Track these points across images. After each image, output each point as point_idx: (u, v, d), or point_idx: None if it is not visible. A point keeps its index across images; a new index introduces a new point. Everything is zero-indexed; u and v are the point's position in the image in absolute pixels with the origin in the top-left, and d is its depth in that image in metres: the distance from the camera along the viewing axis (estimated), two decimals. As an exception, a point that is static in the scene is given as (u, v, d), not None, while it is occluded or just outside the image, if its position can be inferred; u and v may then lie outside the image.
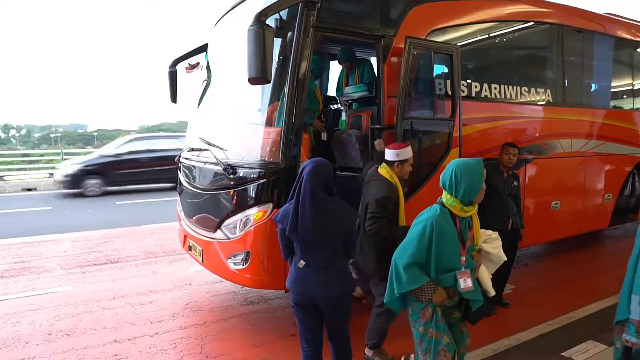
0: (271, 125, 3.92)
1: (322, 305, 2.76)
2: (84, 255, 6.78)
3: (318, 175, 2.71)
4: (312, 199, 2.66)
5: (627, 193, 7.17)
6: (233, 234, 4.03)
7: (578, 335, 4.03)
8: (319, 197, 2.68)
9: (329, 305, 2.77)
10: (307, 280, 2.75)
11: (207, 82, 5.25)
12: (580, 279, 5.82)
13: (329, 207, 2.71)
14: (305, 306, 2.80)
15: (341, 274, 2.79)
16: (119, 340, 4.04)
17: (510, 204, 4.61)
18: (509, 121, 5.39)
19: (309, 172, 2.70)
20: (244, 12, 4.42)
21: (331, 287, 2.73)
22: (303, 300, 2.78)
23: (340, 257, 2.79)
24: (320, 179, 2.71)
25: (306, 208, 2.65)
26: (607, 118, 6.69)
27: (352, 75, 5.29)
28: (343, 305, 2.82)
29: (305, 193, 2.67)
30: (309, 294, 2.75)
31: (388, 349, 3.73)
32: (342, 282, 2.79)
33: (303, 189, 2.68)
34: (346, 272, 2.85)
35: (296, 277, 2.79)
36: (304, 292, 2.76)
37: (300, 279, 2.77)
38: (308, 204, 2.65)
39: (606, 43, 6.79)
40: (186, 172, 5.09)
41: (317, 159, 2.85)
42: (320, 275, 2.73)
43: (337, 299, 2.77)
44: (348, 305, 2.86)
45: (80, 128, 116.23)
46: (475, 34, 5.19)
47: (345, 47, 5.29)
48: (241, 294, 5.12)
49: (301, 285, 2.77)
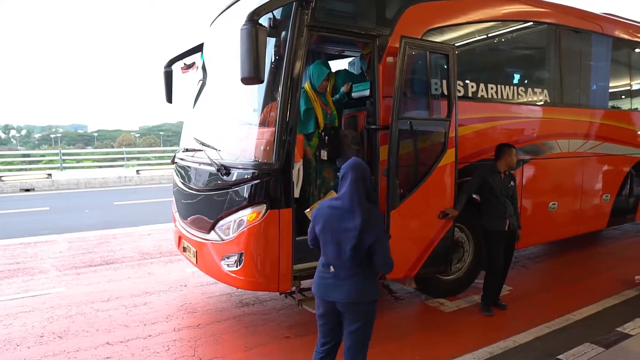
0: (265, 126, 3.89)
1: (342, 309, 2.67)
2: (79, 256, 6.74)
3: (364, 182, 2.68)
4: (360, 203, 2.61)
5: (625, 193, 7.13)
6: (227, 235, 3.99)
7: (575, 338, 3.99)
8: (364, 202, 2.63)
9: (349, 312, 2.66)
10: (329, 283, 2.68)
11: (202, 82, 5.21)
12: (577, 280, 5.79)
13: (369, 214, 2.64)
14: (328, 312, 2.73)
15: (364, 280, 2.67)
16: (111, 343, 4.00)
17: (507, 204, 4.58)
18: (505, 121, 5.36)
19: (355, 181, 2.65)
20: (238, 12, 4.38)
21: (353, 293, 2.63)
22: (327, 306, 2.71)
23: (367, 265, 2.68)
24: (365, 185, 2.68)
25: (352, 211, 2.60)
26: (605, 118, 6.66)
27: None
28: (363, 314, 2.68)
29: (353, 196, 2.62)
30: (329, 298, 2.67)
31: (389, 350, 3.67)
32: (365, 289, 2.66)
33: (349, 191, 2.63)
34: (372, 282, 2.73)
35: (320, 280, 2.73)
36: (328, 296, 2.68)
37: (324, 282, 2.71)
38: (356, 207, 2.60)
39: (604, 43, 6.75)
40: (181, 173, 5.06)
41: (358, 162, 2.76)
42: (343, 279, 2.64)
43: (358, 307, 2.65)
44: (370, 317, 2.72)
45: (81, 128, 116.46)
46: (472, 33, 5.16)
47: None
48: (236, 296, 5.08)
49: (325, 289, 2.69)
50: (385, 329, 4.30)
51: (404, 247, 4.35)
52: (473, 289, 5.15)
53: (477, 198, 4.80)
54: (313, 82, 4.71)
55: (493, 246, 4.63)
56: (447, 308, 4.82)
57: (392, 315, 4.68)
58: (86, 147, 56.71)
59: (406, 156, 4.37)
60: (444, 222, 4.55)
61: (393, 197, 4.17)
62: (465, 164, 4.85)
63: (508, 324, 4.46)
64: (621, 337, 3.83)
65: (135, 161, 21.84)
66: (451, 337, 4.18)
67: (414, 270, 4.48)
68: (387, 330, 4.29)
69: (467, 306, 4.87)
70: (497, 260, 4.62)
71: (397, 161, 4.17)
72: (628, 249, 7.43)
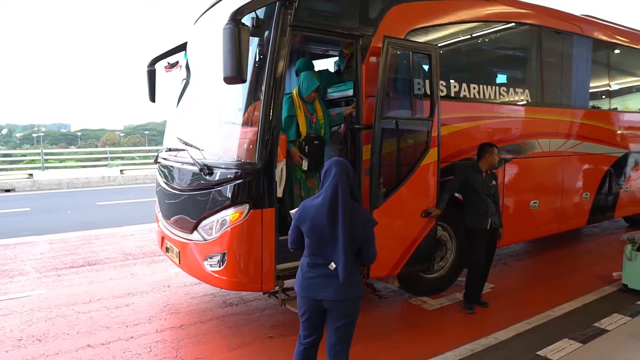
0: (248, 126, 3.88)
1: (328, 307, 2.69)
2: (60, 257, 6.65)
3: (347, 177, 2.68)
4: (343, 203, 2.60)
5: (604, 192, 7.26)
6: (209, 235, 3.97)
7: (554, 334, 4.06)
8: (347, 202, 2.62)
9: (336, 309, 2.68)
10: (316, 282, 2.68)
11: (185, 81, 5.18)
12: (558, 278, 5.88)
13: (353, 212, 2.66)
14: (313, 311, 2.74)
15: (353, 279, 2.69)
16: (92, 345, 3.95)
17: (489, 203, 4.63)
18: (487, 121, 5.42)
19: (337, 174, 2.65)
20: (221, 11, 4.36)
21: (341, 291, 2.64)
22: (312, 305, 2.72)
23: (354, 262, 2.71)
24: (349, 180, 2.69)
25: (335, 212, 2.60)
26: (585, 118, 6.77)
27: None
28: (350, 310, 2.71)
29: (337, 195, 2.61)
30: (317, 297, 2.68)
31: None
32: (352, 286, 2.69)
33: (333, 191, 2.62)
34: (358, 278, 2.77)
35: (306, 280, 2.73)
36: (315, 295, 2.68)
37: (310, 282, 2.70)
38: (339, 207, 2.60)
39: (584, 44, 6.86)
40: (164, 173, 5.02)
41: (341, 159, 2.79)
42: (331, 277, 2.65)
43: (345, 303, 2.68)
44: (355, 312, 2.75)
45: (64, 127, 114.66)
46: (454, 34, 5.20)
47: (304, 59, 5.22)
48: (220, 296, 5.06)
49: (311, 289, 2.69)
50: (369, 328, 4.32)
51: (387, 246, 4.36)
52: (456, 286, 5.20)
53: (460, 197, 4.85)
54: (301, 91, 4.51)
55: (475, 244, 4.68)
56: (430, 306, 4.86)
57: (376, 314, 4.71)
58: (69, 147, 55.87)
59: (389, 155, 4.40)
60: (426, 221, 4.59)
61: (376, 196, 4.19)
62: (447, 163, 4.89)
63: (490, 321, 4.51)
64: (598, 332, 3.91)
65: (120, 161, 21.61)
66: (434, 335, 4.22)
67: (397, 268, 4.51)
68: (370, 328, 4.32)
69: (449, 304, 4.92)
70: (479, 259, 4.67)
71: (380, 160, 4.19)
72: (607, 246, 7.56)
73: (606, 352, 3.57)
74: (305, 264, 2.76)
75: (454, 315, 4.67)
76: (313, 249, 2.71)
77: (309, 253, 2.73)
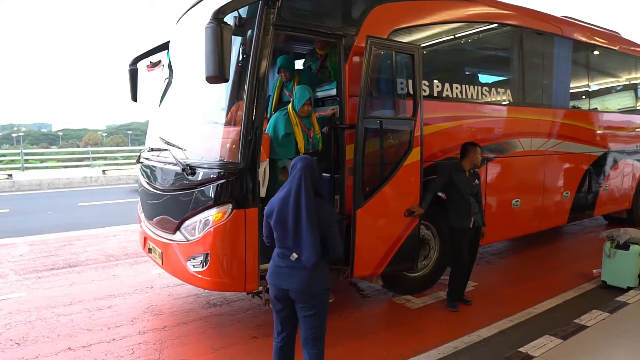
0: (230, 125, 3.86)
1: (295, 298, 2.78)
2: (41, 259, 6.54)
3: (311, 172, 2.78)
4: (306, 195, 2.71)
5: (584, 190, 7.38)
6: (192, 235, 3.95)
7: (535, 331, 4.11)
8: (310, 194, 2.72)
9: (301, 300, 2.77)
10: (284, 272, 2.79)
11: (168, 80, 5.13)
12: (539, 275, 5.96)
13: (316, 206, 2.74)
14: (281, 300, 2.84)
15: (317, 270, 2.76)
16: (73, 348, 3.90)
17: (471, 202, 4.67)
18: (470, 120, 5.47)
19: (302, 168, 2.77)
20: (204, 10, 4.33)
21: (305, 282, 2.74)
22: (280, 294, 2.82)
23: (318, 253, 2.77)
24: (312, 175, 2.79)
25: (298, 204, 2.70)
26: (565, 118, 6.87)
27: (288, 86, 5.02)
28: (317, 301, 2.79)
29: (300, 188, 2.72)
30: (283, 286, 2.78)
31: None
32: (317, 278, 2.77)
33: (297, 184, 2.73)
34: (324, 271, 2.85)
35: (275, 269, 2.84)
36: (281, 284, 2.79)
37: (278, 270, 2.81)
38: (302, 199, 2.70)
39: (564, 45, 6.97)
40: (146, 173, 4.97)
41: (308, 157, 2.92)
42: (296, 269, 2.75)
43: (310, 295, 2.77)
44: (322, 304, 2.83)
45: (45, 127, 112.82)
46: (437, 34, 5.23)
47: (288, 56, 5.17)
48: (203, 297, 5.03)
49: (278, 278, 2.81)
50: (353, 327, 4.34)
51: (371, 245, 4.38)
52: (439, 285, 5.24)
53: (443, 196, 4.89)
54: (295, 105, 4.38)
55: (458, 243, 4.72)
56: (414, 305, 4.89)
57: (359, 313, 4.72)
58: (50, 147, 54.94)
59: (372, 155, 4.40)
60: (410, 220, 4.61)
61: (359, 195, 4.20)
62: (430, 163, 4.93)
63: (473, 319, 4.56)
64: (578, 328, 3.97)
65: (102, 161, 21.33)
66: (417, 333, 4.25)
67: (381, 267, 4.52)
68: (354, 328, 4.33)
69: (433, 302, 4.96)
70: (462, 257, 4.71)
71: (363, 160, 4.19)
72: (587, 243, 7.69)
73: (586, 347, 3.63)
74: (275, 254, 2.88)
75: (438, 313, 4.71)
76: (280, 241, 2.82)
77: (278, 245, 2.85)
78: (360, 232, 4.21)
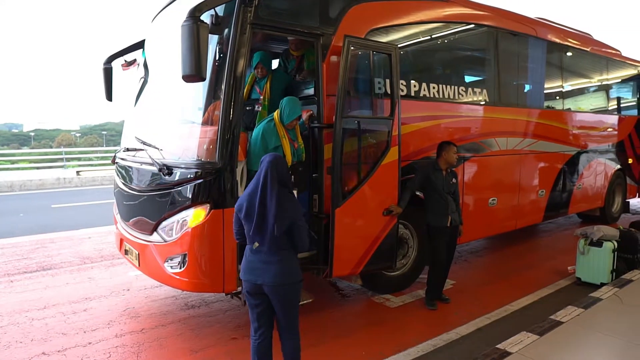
0: (207, 125, 3.82)
1: (269, 292, 2.85)
2: (12, 262, 6.36)
3: (277, 166, 2.86)
4: (272, 187, 2.79)
5: (559, 189, 7.54)
6: (169, 236, 3.89)
7: (512, 327, 4.16)
8: (275, 187, 2.80)
9: (275, 294, 2.85)
10: (256, 268, 2.85)
11: (143, 79, 5.05)
12: (516, 273, 6.06)
13: (281, 198, 2.82)
14: (255, 295, 2.90)
15: (288, 264, 2.87)
16: (47, 353, 3.80)
17: (449, 201, 4.72)
18: (447, 120, 5.53)
19: (269, 162, 2.86)
20: (180, 8, 4.27)
21: (278, 276, 2.82)
22: (254, 289, 2.88)
23: (290, 249, 2.90)
24: (278, 169, 2.86)
25: (264, 196, 2.79)
26: (540, 118, 7.01)
27: (260, 83, 4.87)
28: (289, 294, 2.89)
29: (266, 181, 2.81)
30: (257, 281, 2.84)
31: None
32: (289, 272, 2.87)
33: (263, 177, 2.82)
34: (295, 264, 2.93)
35: (247, 265, 2.90)
36: (255, 280, 2.85)
37: (251, 266, 2.88)
38: (268, 191, 2.79)
39: (538, 46, 7.10)
40: (122, 173, 4.88)
41: (275, 153, 3.04)
42: (268, 264, 2.83)
43: (283, 288, 2.85)
44: (295, 297, 2.94)
45: (15, 128, 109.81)
46: (414, 34, 5.27)
47: (266, 52, 5.11)
48: (181, 298, 4.97)
49: (251, 273, 2.87)
50: (332, 326, 4.34)
51: (349, 244, 4.39)
52: (418, 284, 5.28)
53: (421, 195, 4.92)
54: (283, 117, 4.23)
55: (436, 242, 4.76)
56: (393, 303, 4.92)
57: (339, 313, 4.72)
58: (22, 148, 53.54)
59: (350, 154, 4.40)
60: (388, 219, 4.63)
61: (337, 195, 4.20)
62: (408, 162, 4.96)
63: (451, 317, 4.60)
64: (554, 324, 4.03)
65: (76, 162, 20.88)
66: (397, 332, 4.26)
67: (360, 267, 4.53)
68: (333, 327, 4.33)
69: (412, 301, 4.99)
70: (440, 256, 4.76)
71: (341, 159, 4.19)
72: (562, 241, 7.85)
73: (562, 343, 3.69)
74: (248, 250, 2.94)
75: (417, 311, 4.74)
76: (250, 236, 2.87)
77: (248, 240, 2.91)
78: (339, 231, 4.21)
